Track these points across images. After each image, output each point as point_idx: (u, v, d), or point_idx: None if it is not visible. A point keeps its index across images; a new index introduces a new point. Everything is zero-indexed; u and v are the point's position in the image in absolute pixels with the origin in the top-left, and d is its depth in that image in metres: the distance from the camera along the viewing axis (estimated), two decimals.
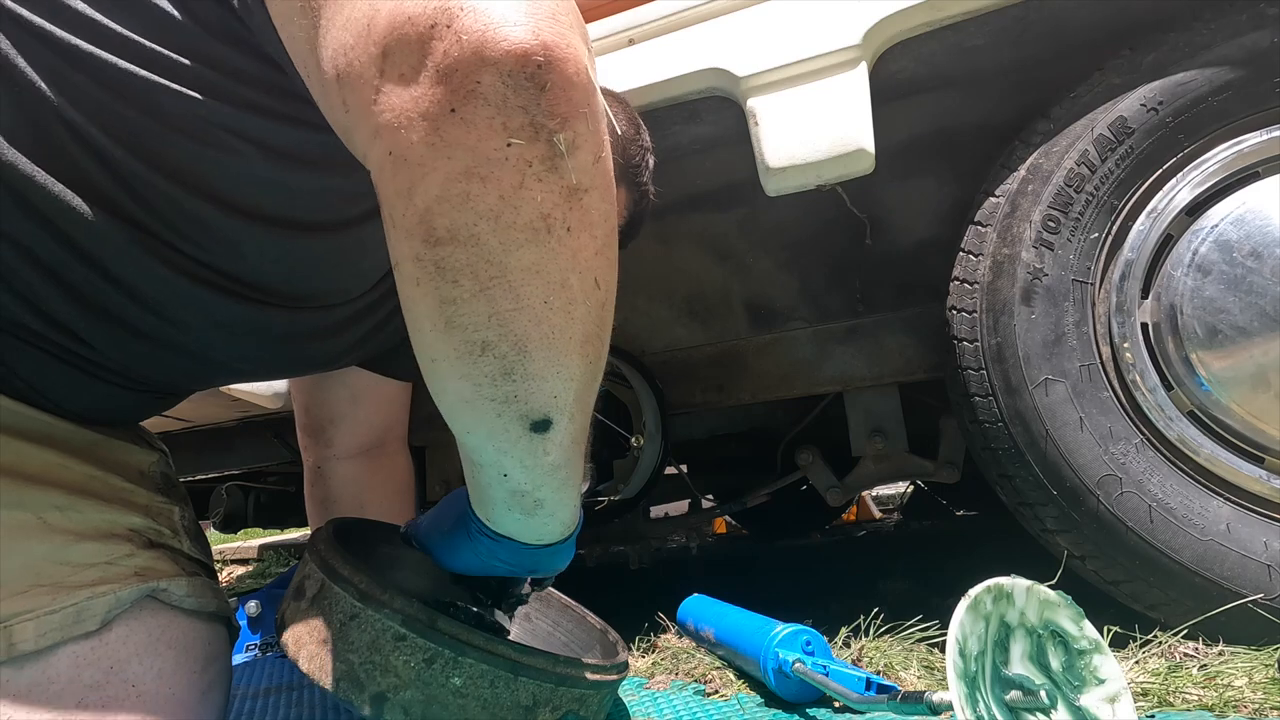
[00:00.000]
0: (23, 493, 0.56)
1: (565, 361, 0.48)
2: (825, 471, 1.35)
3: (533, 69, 0.40)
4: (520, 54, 0.40)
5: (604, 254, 0.47)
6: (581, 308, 0.47)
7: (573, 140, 0.43)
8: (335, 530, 0.72)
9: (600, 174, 0.45)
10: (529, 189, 0.42)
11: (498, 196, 0.42)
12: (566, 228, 0.44)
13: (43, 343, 0.60)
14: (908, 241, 1.17)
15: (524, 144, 0.41)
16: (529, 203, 0.42)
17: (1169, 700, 0.73)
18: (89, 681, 0.55)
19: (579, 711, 0.67)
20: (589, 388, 0.52)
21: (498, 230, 0.43)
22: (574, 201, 0.44)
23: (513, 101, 0.41)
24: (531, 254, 0.44)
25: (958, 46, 0.95)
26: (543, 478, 0.55)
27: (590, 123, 0.44)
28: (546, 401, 0.49)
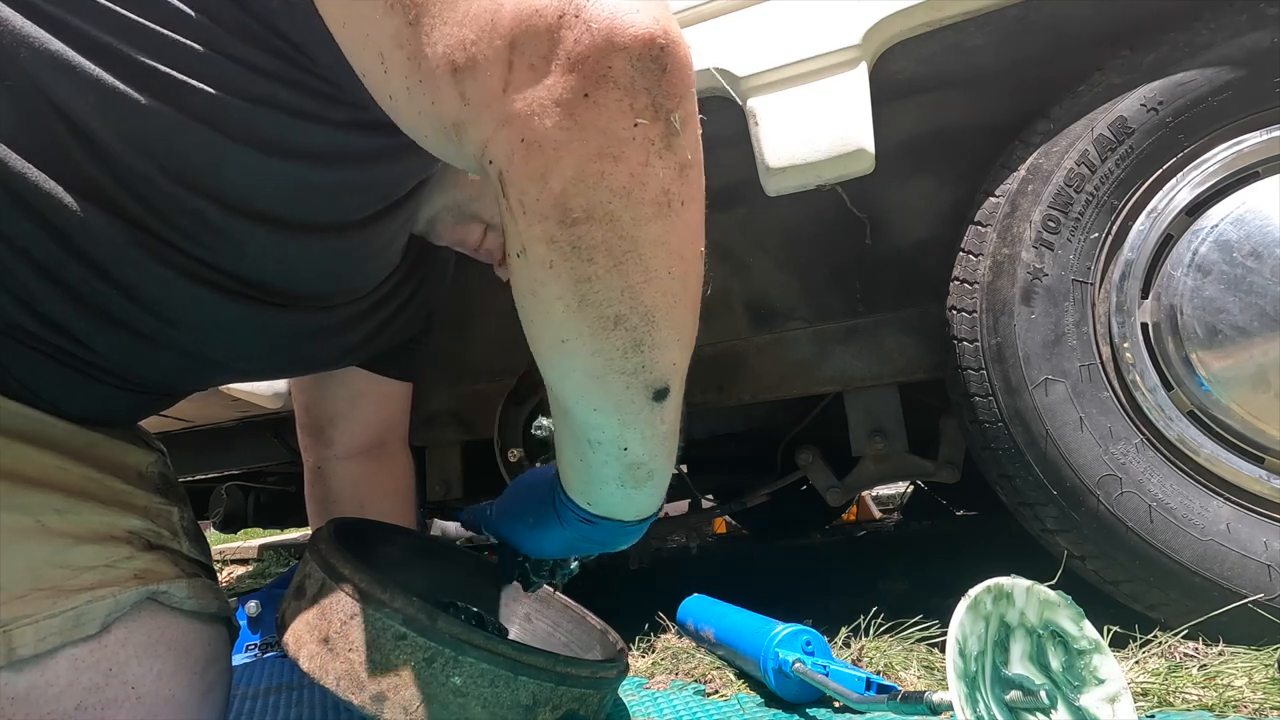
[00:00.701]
0: (21, 496, 0.56)
1: (683, 328, 0.52)
2: (825, 471, 1.34)
3: (656, 52, 0.43)
4: (648, 39, 0.43)
5: (702, 226, 0.51)
6: (694, 276, 0.51)
7: (684, 118, 0.46)
8: (336, 530, 0.72)
9: (699, 149, 0.48)
10: (653, 166, 0.45)
11: (628, 174, 0.44)
12: (681, 201, 0.47)
13: (39, 343, 0.59)
14: (908, 241, 1.17)
15: (648, 123, 0.44)
16: (654, 179, 0.45)
17: (1169, 700, 0.73)
18: (88, 684, 0.55)
19: (579, 711, 0.67)
20: (689, 353, 0.55)
21: (629, 206, 0.45)
22: (685, 176, 0.47)
23: (639, 84, 0.43)
24: (658, 227, 0.47)
25: (958, 46, 0.95)
26: (658, 446, 0.58)
27: (694, 102, 0.47)
28: (667, 369, 0.52)
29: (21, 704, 0.51)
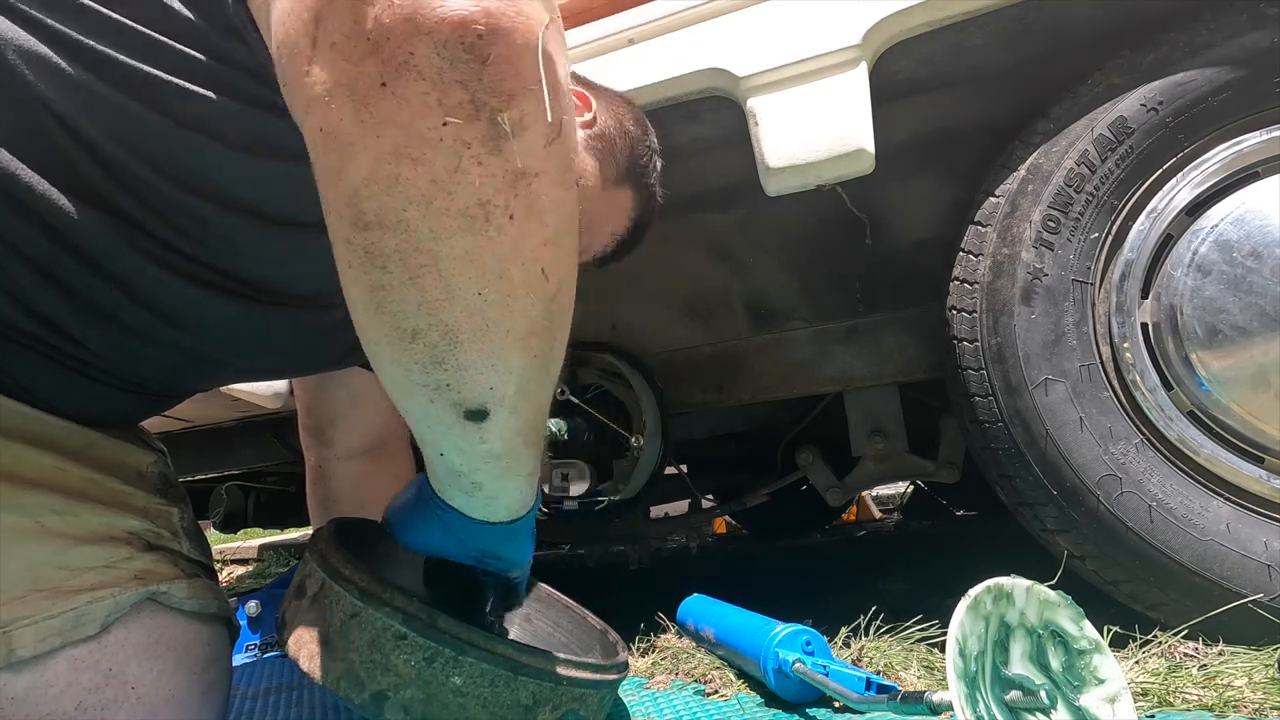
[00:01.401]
0: (20, 497, 0.56)
1: (502, 355, 0.46)
2: (825, 471, 1.35)
3: (472, 39, 0.37)
4: (457, 21, 0.37)
5: (556, 244, 0.45)
6: (523, 300, 0.44)
7: (520, 119, 0.39)
8: (336, 530, 0.72)
9: (554, 157, 0.42)
10: (466, 173, 0.39)
11: (429, 180, 0.39)
12: (509, 215, 0.41)
13: (35, 343, 0.59)
14: (908, 241, 1.17)
15: (462, 123, 0.38)
16: (465, 187, 0.40)
17: (1169, 700, 0.73)
18: (88, 684, 0.54)
19: (579, 711, 0.67)
20: (536, 381, 0.50)
21: (429, 216, 0.40)
22: (519, 187, 0.41)
23: (449, 75, 0.37)
24: (465, 242, 0.41)
25: (958, 46, 0.95)
26: (479, 463, 0.54)
27: (543, 101, 0.40)
28: (481, 393, 0.47)
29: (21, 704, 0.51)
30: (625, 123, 0.87)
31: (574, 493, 1.21)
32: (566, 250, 0.46)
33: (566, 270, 0.47)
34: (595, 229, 0.89)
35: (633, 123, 0.89)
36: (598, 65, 0.95)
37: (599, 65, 0.95)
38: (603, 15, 0.97)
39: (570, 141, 0.44)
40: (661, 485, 1.34)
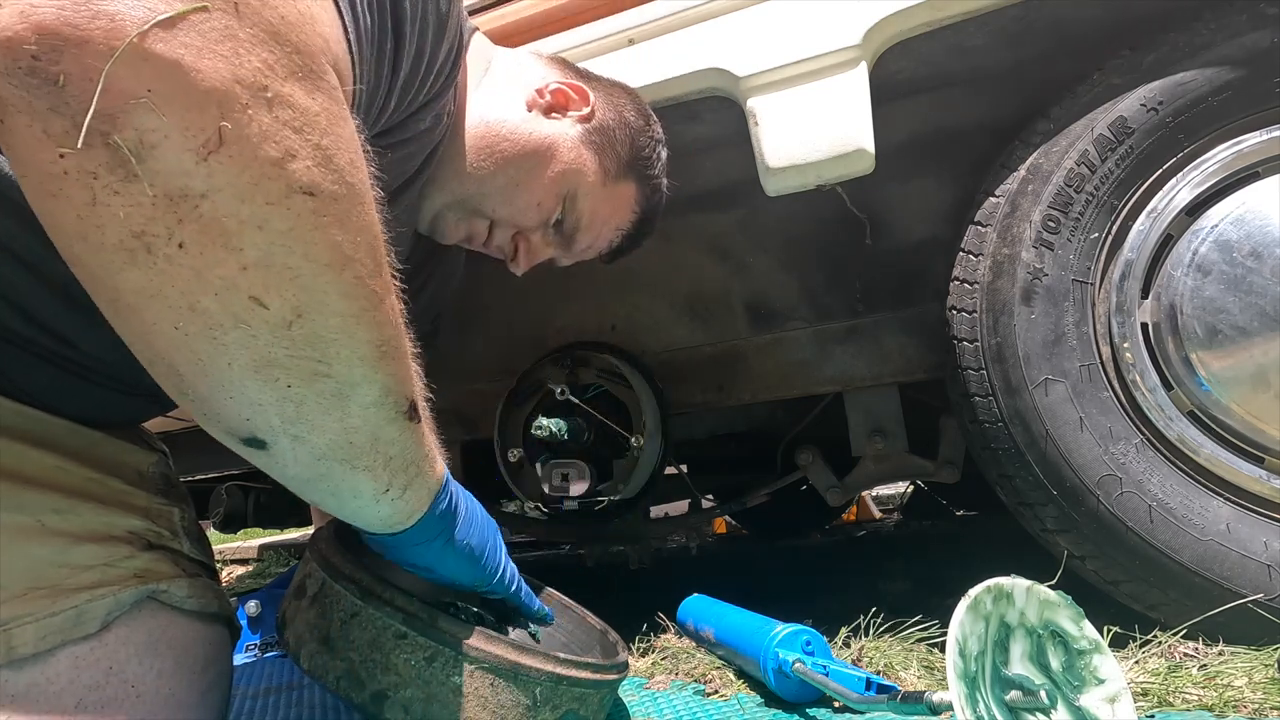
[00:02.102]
0: (21, 496, 0.56)
1: (237, 389, 0.43)
2: (825, 471, 1.35)
3: (27, 63, 0.33)
4: (4, 46, 0.32)
5: (267, 267, 0.39)
6: (234, 333, 0.40)
7: (140, 139, 0.35)
8: (336, 530, 0.72)
9: (226, 170, 0.37)
10: (106, 204, 0.35)
11: (76, 216, 0.36)
12: (177, 244, 0.37)
13: (32, 346, 0.59)
14: (908, 241, 1.17)
15: (77, 152, 0.34)
16: (111, 220, 0.36)
17: (1169, 700, 0.73)
18: (88, 682, 0.54)
19: (579, 710, 0.67)
20: (318, 409, 0.45)
21: (90, 252, 0.37)
22: (183, 211, 0.36)
23: (38, 104, 0.33)
24: (137, 276, 0.37)
25: (958, 46, 0.95)
26: (298, 487, 0.52)
27: (182, 110, 0.35)
28: (240, 424, 0.45)
29: (22, 702, 0.51)
30: (625, 114, 0.87)
31: (574, 493, 1.21)
32: (297, 270, 0.41)
33: (306, 291, 0.41)
34: (599, 225, 0.89)
35: (634, 114, 0.88)
36: (598, 65, 0.95)
37: (599, 65, 0.95)
38: (603, 15, 0.97)
39: (264, 147, 0.38)
40: (661, 485, 1.34)
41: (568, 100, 0.82)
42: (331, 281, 0.43)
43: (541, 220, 0.84)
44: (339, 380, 0.46)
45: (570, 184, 0.83)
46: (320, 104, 0.41)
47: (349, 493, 0.53)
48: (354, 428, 0.48)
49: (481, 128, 0.78)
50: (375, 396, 0.48)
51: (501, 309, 1.40)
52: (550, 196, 0.83)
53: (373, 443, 0.50)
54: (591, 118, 0.83)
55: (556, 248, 0.90)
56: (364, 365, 0.47)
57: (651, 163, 0.89)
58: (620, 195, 0.88)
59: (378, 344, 0.47)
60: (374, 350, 0.47)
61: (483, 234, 0.85)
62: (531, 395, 1.28)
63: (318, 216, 0.41)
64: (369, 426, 0.49)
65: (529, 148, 0.79)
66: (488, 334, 1.41)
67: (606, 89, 0.87)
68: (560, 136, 0.81)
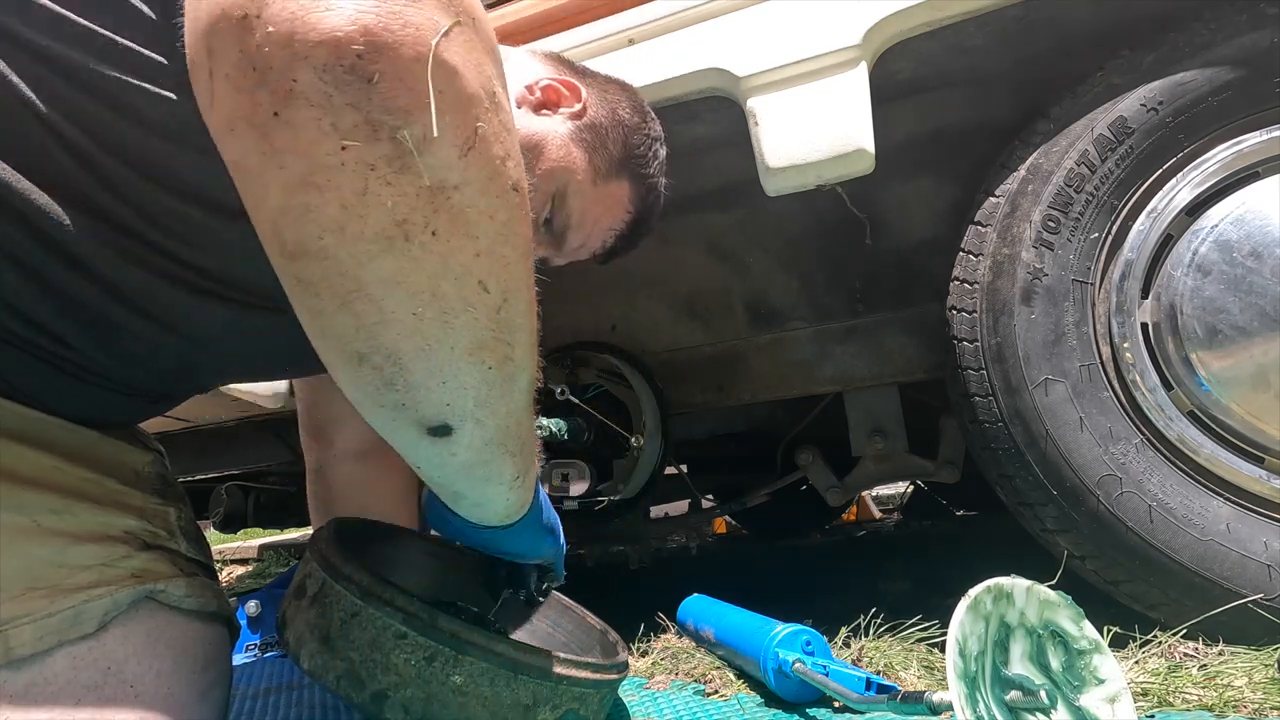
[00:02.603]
0: (18, 496, 0.56)
1: (451, 372, 0.45)
2: (825, 471, 1.35)
3: (351, 60, 0.36)
4: (336, 43, 0.35)
5: (491, 254, 0.43)
6: (463, 316, 0.44)
7: (423, 135, 0.38)
8: (336, 530, 0.72)
9: (475, 166, 0.41)
10: (376, 194, 0.38)
11: (339, 206, 0.38)
12: (431, 232, 0.40)
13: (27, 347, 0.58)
14: (908, 241, 1.17)
15: (361, 145, 0.37)
16: (378, 209, 0.39)
17: (1169, 700, 0.73)
18: (86, 682, 0.54)
19: (579, 710, 0.67)
20: (499, 391, 0.49)
21: (345, 242, 0.39)
22: (439, 201, 0.40)
23: (338, 99, 0.36)
24: (390, 264, 0.40)
25: (958, 46, 0.95)
26: (454, 475, 0.54)
27: (454, 111, 0.39)
28: (439, 410, 0.47)
29: (21, 702, 0.51)
30: (620, 111, 0.85)
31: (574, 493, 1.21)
32: (508, 259, 0.45)
33: (512, 278, 0.46)
34: (590, 224, 0.87)
35: (629, 110, 0.86)
36: (597, 65, 0.95)
37: (599, 65, 0.95)
38: (603, 15, 0.97)
39: (495, 146, 0.42)
40: (661, 485, 1.34)
41: (558, 97, 0.81)
42: (524, 269, 0.47)
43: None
44: (517, 363, 0.49)
45: (559, 182, 0.81)
46: (510, 108, 0.46)
47: (497, 476, 0.57)
48: (512, 411, 0.52)
49: None
50: (527, 381, 0.52)
51: None
52: (538, 194, 0.80)
53: (519, 427, 0.54)
54: (583, 115, 0.82)
55: (547, 247, 0.88)
56: (528, 350, 0.51)
57: (646, 161, 0.88)
58: (613, 194, 0.87)
59: (534, 328, 0.51)
60: (533, 336, 0.51)
61: None
62: None
63: (520, 210, 0.45)
64: (518, 410, 0.53)
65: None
66: None
67: (601, 85, 0.86)
68: (549, 133, 0.79)
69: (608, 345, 1.32)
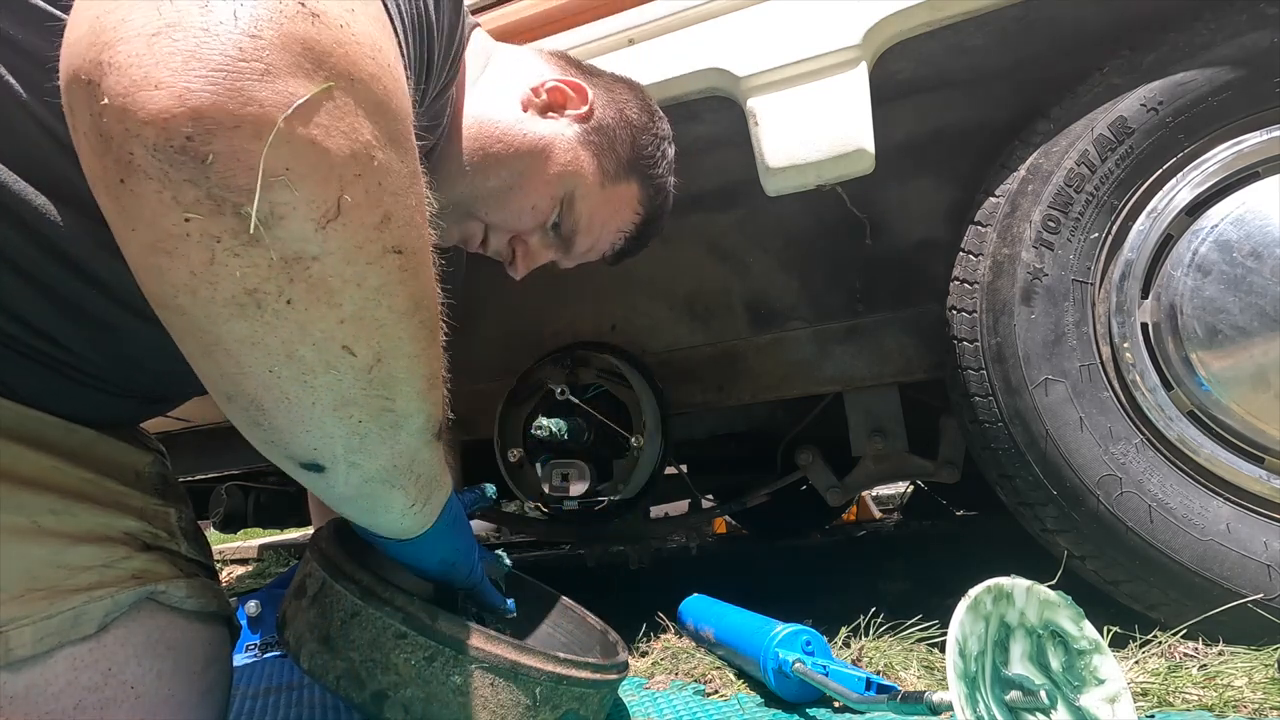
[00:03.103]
0: (18, 496, 0.56)
1: (314, 425, 0.46)
2: (825, 471, 1.35)
3: (180, 142, 0.35)
4: (160, 125, 0.34)
5: (360, 320, 0.43)
6: (324, 377, 0.43)
7: (270, 210, 0.37)
8: (337, 530, 0.72)
9: (339, 236, 0.39)
10: (224, 264, 0.38)
11: (188, 273, 0.38)
12: (286, 300, 0.40)
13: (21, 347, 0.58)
14: (908, 241, 1.17)
15: (205, 218, 0.36)
16: (227, 278, 0.38)
17: (1169, 700, 0.73)
18: (87, 684, 0.54)
19: (579, 710, 0.67)
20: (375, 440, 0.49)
21: (198, 304, 0.39)
22: (295, 272, 0.39)
23: (175, 176, 0.35)
24: (242, 327, 0.40)
25: (958, 46, 0.95)
26: (336, 502, 0.55)
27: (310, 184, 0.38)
28: (307, 452, 0.48)
29: (21, 703, 0.51)
30: (627, 111, 0.84)
31: (574, 493, 1.21)
32: (381, 321, 0.44)
33: (387, 339, 0.45)
34: (599, 227, 0.86)
35: (637, 110, 0.85)
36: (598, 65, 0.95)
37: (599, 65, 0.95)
38: (603, 15, 0.97)
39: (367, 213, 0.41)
40: (661, 485, 1.34)
41: (565, 99, 0.80)
42: (407, 328, 0.46)
43: (537, 224, 0.82)
44: (398, 413, 0.49)
45: (566, 186, 0.80)
46: (408, 166, 0.44)
47: (383, 509, 0.57)
48: (400, 453, 0.52)
49: (475, 128, 0.76)
50: (421, 424, 0.52)
51: (501, 309, 1.40)
52: (545, 199, 0.80)
53: (410, 464, 0.54)
54: (590, 117, 0.81)
55: (556, 251, 0.88)
56: (419, 398, 0.50)
57: (655, 161, 0.87)
58: (621, 196, 0.86)
59: (429, 376, 0.50)
60: (427, 383, 0.50)
61: (478, 237, 0.83)
62: (531, 395, 1.28)
63: (402, 272, 0.44)
64: (410, 450, 0.53)
65: (523, 149, 0.77)
66: (487, 334, 1.41)
67: (608, 85, 0.85)
68: (556, 137, 0.78)
69: (608, 345, 1.32)
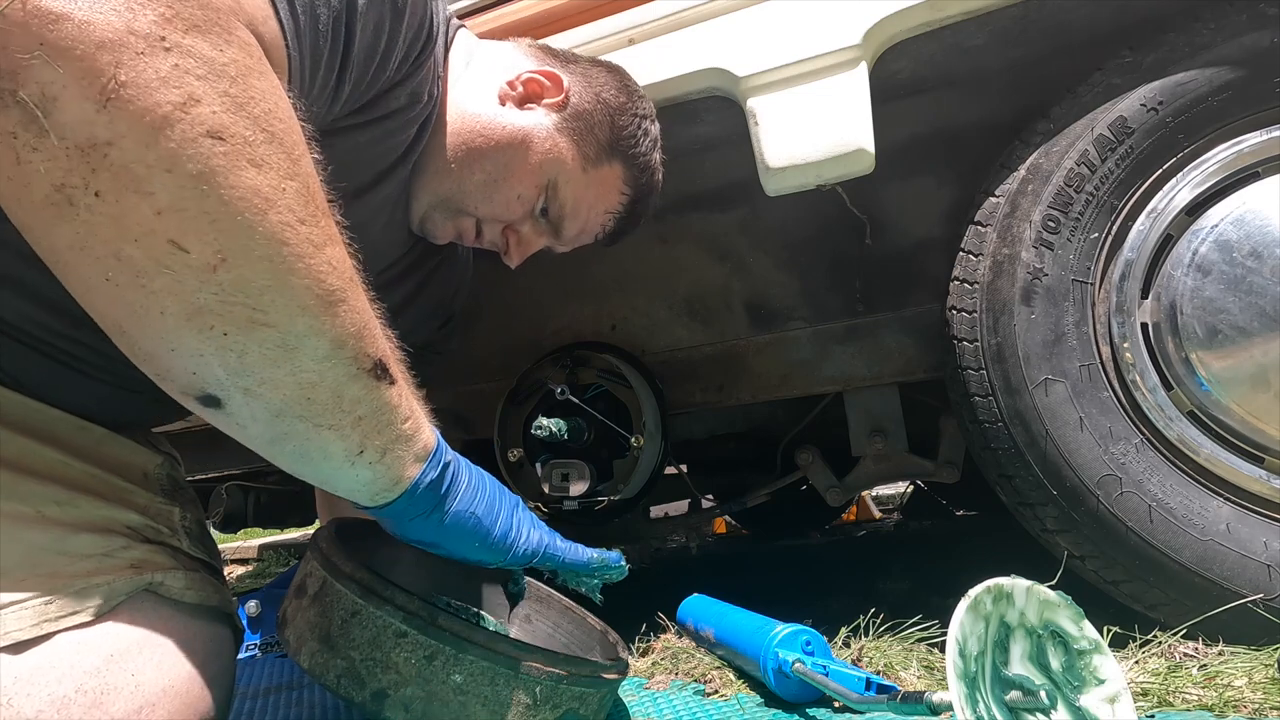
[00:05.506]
0: (23, 485, 0.56)
1: (175, 340, 0.43)
2: (825, 471, 1.35)
3: None
4: None
5: (181, 210, 0.40)
6: (161, 279, 0.41)
7: (42, 93, 0.36)
8: (337, 529, 0.72)
9: (127, 117, 0.38)
10: (28, 162, 0.37)
11: (6, 178, 0.38)
12: (94, 193, 0.38)
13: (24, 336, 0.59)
14: (908, 241, 1.17)
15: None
16: (35, 177, 0.38)
17: (1169, 700, 0.73)
18: (88, 668, 0.55)
19: (579, 710, 0.67)
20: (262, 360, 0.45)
21: (23, 213, 0.39)
22: (94, 160, 0.38)
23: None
24: (66, 231, 0.39)
25: (958, 46, 0.95)
26: (266, 450, 0.51)
27: (71, 61, 0.36)
28: (189, 380, 0.45)
29: (23, 685, 0.51)
30: (604, 94, 0.85)
31: (574, 493, 1.21)
32: (214, 214, 0.41)
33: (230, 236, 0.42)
34: (586, 211, 0.88)
35: (614, 91, 0.86)
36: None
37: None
38: (603, 15, 0.97)
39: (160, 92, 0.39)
40: (661, 485, 1.34)
41: (540, 89, 0.82)
42: (253, 225, 0.43)
43: (525, 212, 0.84)
44: (282, 331, 0.46)
45: (549, 173, 0.82)
46: (230, 55, 0.42)
47: (319, 454, 0.52)
48: (310, 383, 0.48)
49: (458, 123, 0.78)
50: (326, 349, 0.48)
51: (501, 309, 1.40)
52: (530, 188, 0.82)
53: (335, 400, 0.50)
54: (565, 104, 0.82)
55: (547, 237, 0.89)
56: (306, 315, 0.46)
57: (636, 141, 0.87)
58: (605, 178, 0.87)
59: (319, 294, 0.46)
60: (316, 300, 0.46)
61: (471, 231, 0.85)
62: (531, 395, 1.28)
63: (229, 158, 0.41)
64: (327, 382, 0.49)
65: (502, 141, 0.79)
66: (487, 334, 1.41)
67: (584, 70, 0.86)
68: (534, 127, 0.80)
69: (608, 345, 1.32)
